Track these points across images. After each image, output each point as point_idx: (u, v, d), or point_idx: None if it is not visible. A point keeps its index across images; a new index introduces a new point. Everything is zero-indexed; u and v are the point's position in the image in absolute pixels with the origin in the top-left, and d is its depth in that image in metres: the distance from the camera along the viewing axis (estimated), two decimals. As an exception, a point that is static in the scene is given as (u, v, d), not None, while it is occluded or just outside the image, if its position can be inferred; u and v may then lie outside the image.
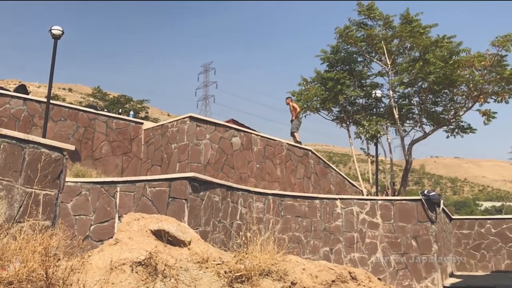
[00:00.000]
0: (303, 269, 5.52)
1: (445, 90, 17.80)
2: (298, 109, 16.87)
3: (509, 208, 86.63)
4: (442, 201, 12.20)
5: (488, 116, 17.29)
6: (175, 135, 11.68)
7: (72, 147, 5.69)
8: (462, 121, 18.61)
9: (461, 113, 18.05)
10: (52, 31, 11.97)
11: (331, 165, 16.35)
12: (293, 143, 14.96)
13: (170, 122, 12.29)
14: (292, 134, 16.19)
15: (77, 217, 7.77)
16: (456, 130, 18.74)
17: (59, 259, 4.02)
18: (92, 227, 7.78)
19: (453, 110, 18.32)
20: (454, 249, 15.48)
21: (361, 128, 17.99)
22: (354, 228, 11.78)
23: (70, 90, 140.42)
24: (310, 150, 15.27)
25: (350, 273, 5.84)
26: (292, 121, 16.51)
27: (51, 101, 11.89)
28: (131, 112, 26.65)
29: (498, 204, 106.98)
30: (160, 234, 5.44)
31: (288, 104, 16.95)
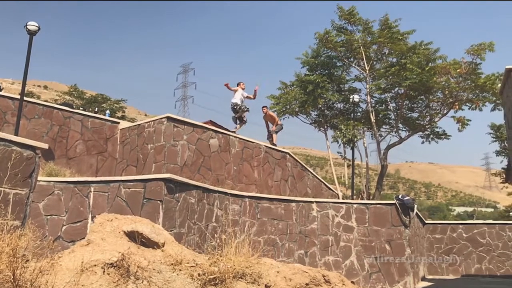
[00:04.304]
0: (277, 272, 5.52)
1: (421, 96, 18.13)
2: (276, 118, 16.74)
3: (480, 214, 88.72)
4: (415, 206, 12.38)
5: (463, 123, 17.69)
6: (152, 136, 11.56)
7: (45, 146, 5.57)
8: (437, 127, 19.00)
9: (436, 119, 18.40)
10: (28, 26, 11.73)
11: (308, 168, 16.42)
12: (270, 145, 14.97)
13: (147, 122, 12.16)
14: (270, 136, 16.15)
15: (48, 217, 7.61)
16: (431, 136, 19.11)
17: (27, 260, 3.93)
18: (64, 227, 7.63)
19: (428, 116, 18.67)
20: (427, 253, 15.73)
21: (338, 132, 18.16)
22: (329, 231, 11.85)
23: (45, 87, 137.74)
24: (288, 153, 15.31)
25: (324, 276, 5.86)
26: (269, 131, 16.24)
27: (25, 98, 11.63)
28: (107, 111, 26.37)
29: (470, 209, 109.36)
30: (133, 236, 5.37)
31: (265, 113, 16.39)
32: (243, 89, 15.11)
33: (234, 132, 14.24)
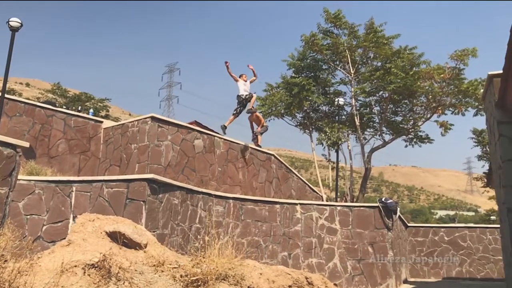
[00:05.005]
0: (260, 274, 5.51)
1: (405, 101, 18.32)
2: (262, 119, 16.59)
3: (462, 217, 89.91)
4: (398, 209, 12.48)
5: (445, 127, 17.92)
6: (136, 135, 11.46)
7: (26, 144, 5.48)
8: (420, 131, 19.20)
9: (419, 123, 18.59)
10: (10, 23, 11.56)
11: (293, 170, 16.44)
12: (255, 146, 14.93)
13: (131, 122, 12.04)
14: (255, 138, 16.06)
15: (28, 216, 7.48)
16: (415, 140, 19.31)
17: (6, 261, 3.85)
18: (44, 227, 7.50)
19: (412, 120, 18.86)
20: (409, 255, 15.87)
21: (323, 135, 18.25)
22: (313, 233, 11.88)
23: (27, 85, 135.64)
24: (273, 155, 15.31)
25: (306, 278, 5.86)
26: (254, 132, 15.97)
27: (6, 96, 11.45)
28: (91, 110, 26.08)
29: (452, 213, 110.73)
30: (115, 236, 5.31)
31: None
32: (245, 81, 14.81)
33: (224, 131, 13.93)
